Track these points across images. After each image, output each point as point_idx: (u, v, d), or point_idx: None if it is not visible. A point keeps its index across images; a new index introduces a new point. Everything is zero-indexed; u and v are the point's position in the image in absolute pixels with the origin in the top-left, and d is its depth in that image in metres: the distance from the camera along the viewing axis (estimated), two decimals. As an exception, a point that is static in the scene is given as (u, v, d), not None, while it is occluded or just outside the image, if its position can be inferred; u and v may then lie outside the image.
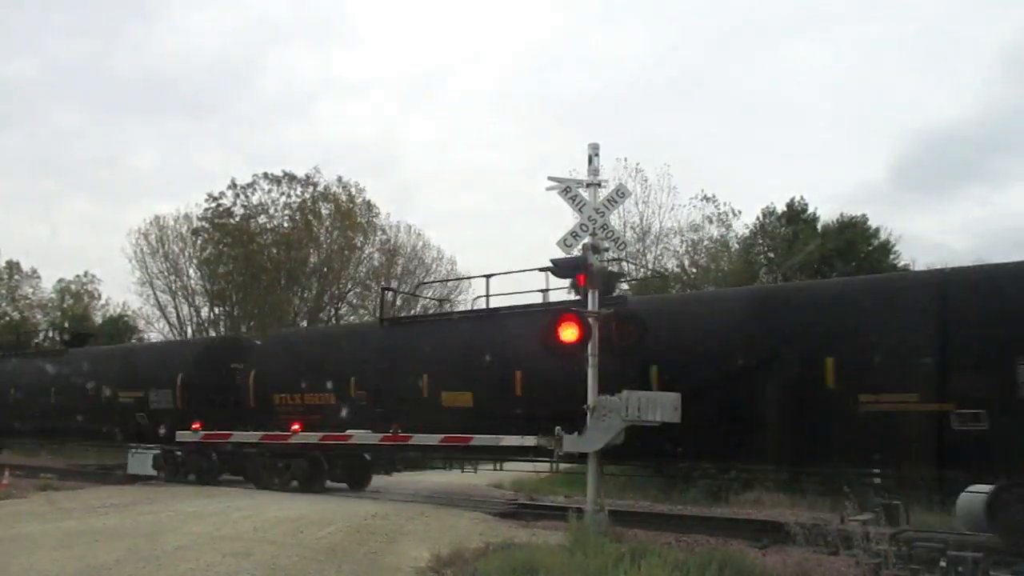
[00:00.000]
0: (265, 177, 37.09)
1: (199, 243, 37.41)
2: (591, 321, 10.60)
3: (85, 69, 66.60)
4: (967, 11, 61.00)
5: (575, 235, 10.92)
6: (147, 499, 13.81)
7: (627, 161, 28.34)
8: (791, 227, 27.45)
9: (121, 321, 38.48)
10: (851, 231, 25.88)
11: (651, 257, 28.30)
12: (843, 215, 26.87)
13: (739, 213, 29.65)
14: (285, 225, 37.46)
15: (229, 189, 36.93)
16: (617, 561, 7.47)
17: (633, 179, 28.10)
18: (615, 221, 18.25)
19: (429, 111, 66.75)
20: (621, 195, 12.11)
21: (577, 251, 10.89)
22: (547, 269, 12.01)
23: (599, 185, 11.20)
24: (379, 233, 38.39)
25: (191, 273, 37.70)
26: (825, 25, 62.17)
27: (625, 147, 54.07)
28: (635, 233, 28.61)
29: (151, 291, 37.53)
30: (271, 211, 37.53)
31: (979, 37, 56.16)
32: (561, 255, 10.97)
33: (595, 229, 10.93)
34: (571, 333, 10.47)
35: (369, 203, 38.13)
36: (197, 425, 17.08)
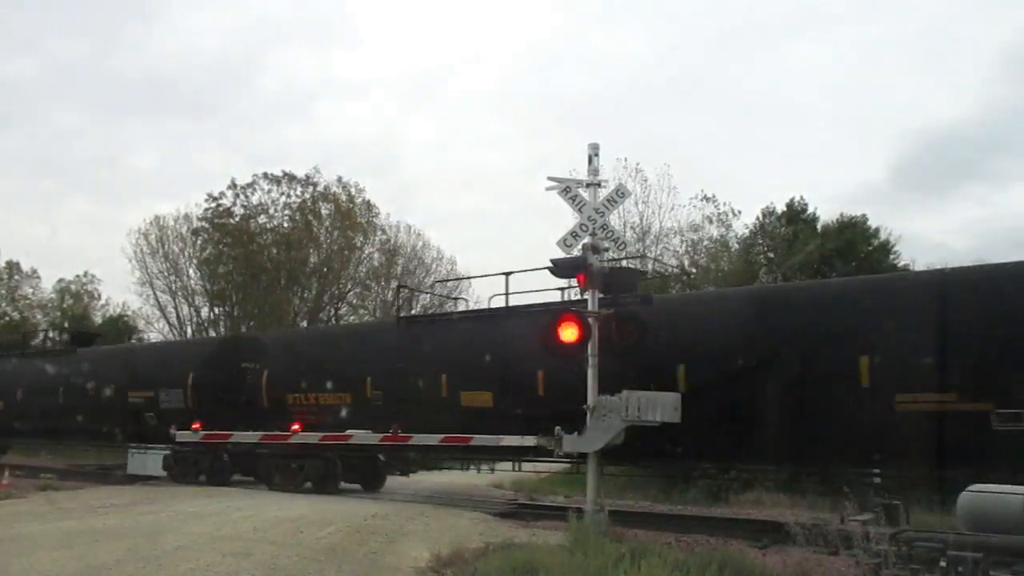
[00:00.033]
0: (265, 177, 37.16)
1: (199, 243, 37.44)
2: (591, 321, 10.61)
3: (85, 69, 66.78)
4: (967, 11, 61.12)
5: (575, 235, 10.93)
6: (147, 499, 13.81)
7: (627, 161, 28.41)
8: (791, 227, 27.44)
9: (121, 321, 38.47)
10: (851, 231, 25.87)
11: (651, 257, 28.26)
12: (843, 215, 26.92)
13: (739, 213, 29.73)
14: (285, 225, 37.47)
15: (229, 189, 37.00)
16: (617, 561, 7.47)
17: (633, 179, 28.17)
18: (615, 221, 18.23)
19: (429, 111, 66.86)
20: (621, 195, 12.12)
21: (577, 251, 10.90)
22: (547, 268, 12.00)
23: (599, 185, 11.20)
24: (379, 233, 38.47)
25: (191, 273, 37.78)
26: (825, 25, 62.26)
27: (625, 147, 54.16)
28: (635, 233, 28.65)
29: (151, 291, 37.62)
30: (271, 211, 37.60)
31: (979, 37, 56.27)
32: (561, 255, 10.98)
33: (595, 229, 10.94)
34: (571, 333, 10.48)
35: (369, 203, 38.21)
36: (197, 425, 17.05)
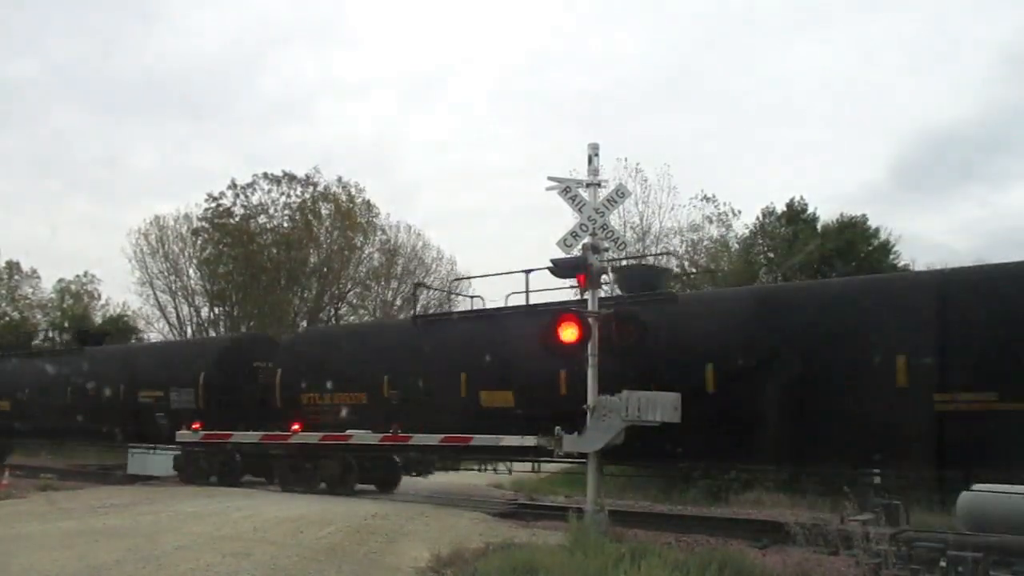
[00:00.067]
0: (265, 177, 37.20)
1: (199, 243, 37.46)
2: (591, 321, 10.61)
3: (85, 69, 66.74)
4: (967, 11, 61.06)
5: (575, 235, 10.92)
6: (147, 499, 13.81)
7: (627, 161, 28.41)
8: (791, 227, 27.43)
9: (121, 321, 38.45)
10: (851, 231, 25.85)
11: (652, 255, 28.25)
12: (843, 215, 26.87)
13: (739, 213, 29.74)
14: (285, 225, 37.50)
15: (229, 189, 37.04)
16: (617, 561, 7.48)
17: (633, 179, 28.17)
18: (615, 221, 18.20)
19: (429, 111, 66.78)
20: (621, 195, 12.12)
21: (577, 251, 10.90)
22: (547, 268, 12.00)
23: (599, 185, 11.20)
24: (379, 233, 38.50)
25: (191, 273, 37.82)
26: (825, 25, 62.24)
27: (625, 147, 54.04)
28: (635, 233, 28.65)
29: (151, 291, 37.67)
30: (271, 211, 37.64)
31: (979, 37, 56.18)
32: (561, 255, 10.99)
33: (595, 229, 10.94)
34: (571, 333, 10.45)
35: (369, 203, 38.25)
36: (197, 425, 17.03)
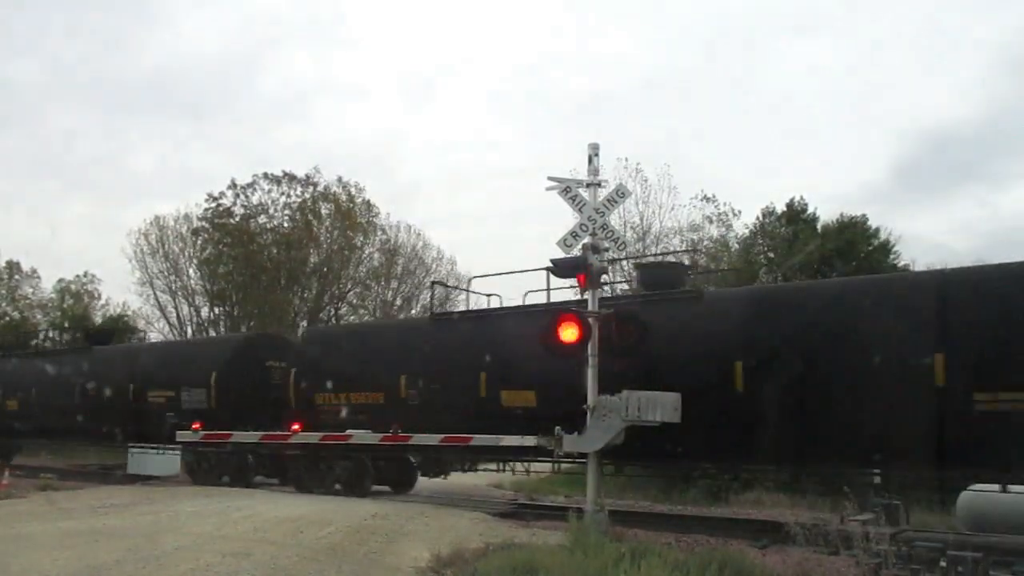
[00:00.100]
0: (265, 177, 37.16)
1: (199, 243, 37.43)
2: (591, 321, 10.61)
3: (85, 69, 66.70)
4: (967, 11, 61.06)
5: (575, 235, 10.92)
6: (147, 499, 13.81)
7: (627, 161, 28.39)
8: (791, 227, 27.43)
9: (121, 321, 38.44)
10: (851, 231, 25.85)
11: (651, 255, 28.24)
12: (843, 215, 26.87)
13: (739, 213, 29.70)
14: (285, 225, 37.48)
15: (229, 189, 36.98)
16: (617, 561, 7.48)
17: (633, 179, 28.15)
18: (615, 221, 18.20)
19: (429, 111, 66.81)
20: (621, 195, 12.11)
21: (577, 251, 10.90)
22: (547, 269, 12.01)
23: (599, 185, 11.20)
24: (379, 233, 38.48)
25: (191, 273, 37.77)
26: (825, 25, 62.26)
27: (625, 147, 54.11)
28: (635, 233, 28.65)
29: (151, 291, 37.62)
30: (271, 211, 37.59)
31: (979, 37, 56.17)
32: (561, 255, 10.99)
33: (595, 229, 10.93)
34: (571, 333, 10.43)
35: (369, 203, 38.20)
36: (197, 425, 17.01)
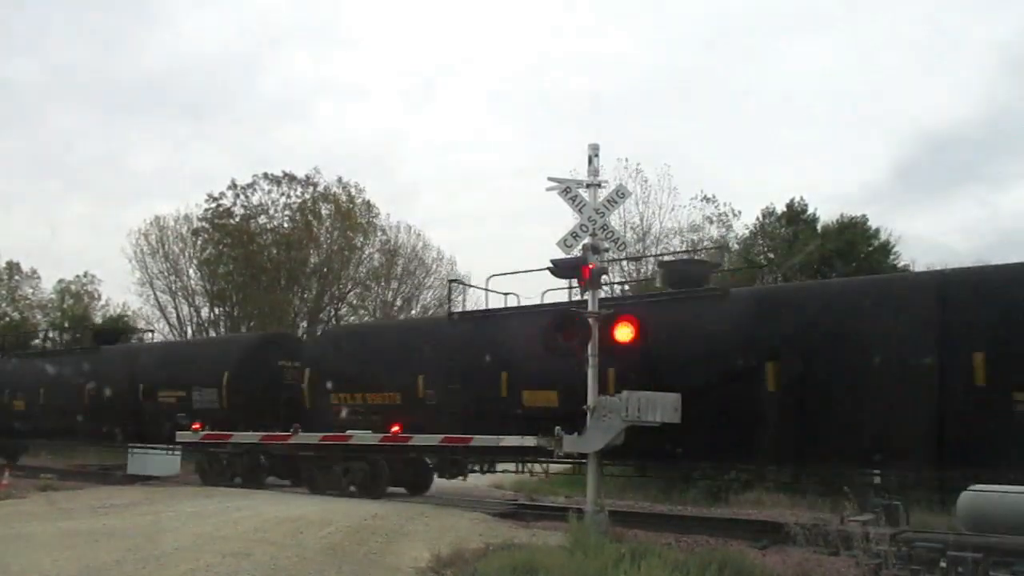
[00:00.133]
0: (265, 177, 37.07)
1: (199, 243, 37.36)
2: (591, 321, 10.61)
3: (85, 69, 66.74)
4: (967, 11, 61.08)
5: (575, 235, 10.94)
6: (147, 499, 13.81)
7: (627, 162, 28.41)
8: (791, 227, 27.44)
9: (121, 321, 38.43)
10: (851, 231, 25.82)
11: (651, 255, 28.25)
12: (843, 215, 26.84)
13: (739, 213, 29.74)
14: (285, 225, 37.42)
15: (229, 189, 36.89)
16: (617, 561, 7.48)
17: (633, 180, 28.16)
18: (615, 222, 18.16)
19: (429, 111, 66.79)
20: (621, 195, 12.14)
21: (577, 251, 10.91)
22: (547, 269, 12.01)
23: (599, 186, 11.22)
24: (379, 233, 38.41)
25: (191, 273, 37.66)
26: (825, 25, 62.26)
27: (625, 147, 54.05)
28: (635, 233, 28.67)
29: (151, 291, 37.52)
30: (271, 211, 37.51)
31: (979, 37, 56.18)
32: (561, 255, 10.99)
33: (595, 229, 10.95)
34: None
35: (369, 203, 38.11)
36: (197, 425, 16.97)
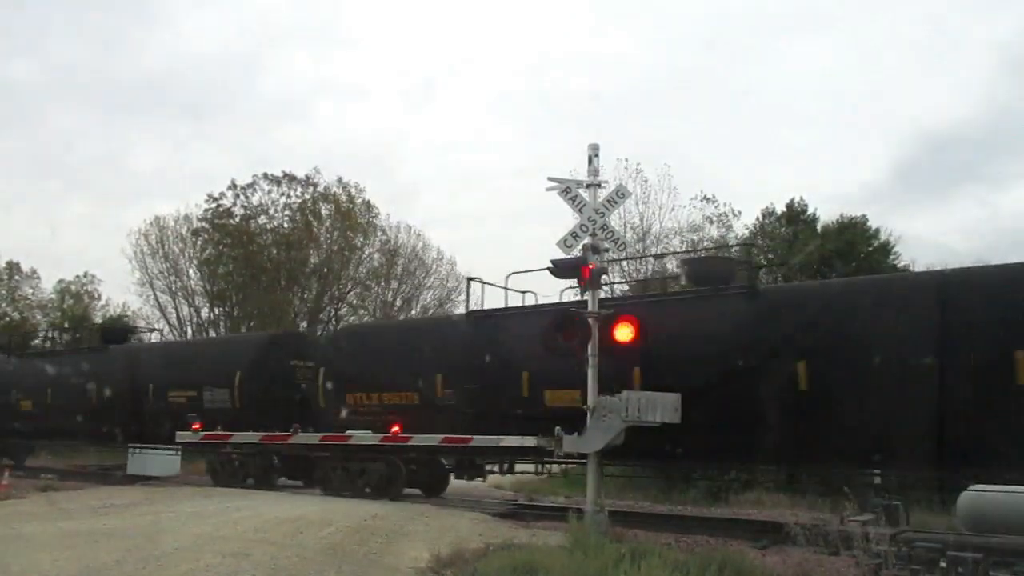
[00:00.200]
0: (265, 178, 37.06)
1: (199, 243, 37.34)
2: (591, 321, 10.62)
3: (85, 69, 66.78)
4: (967, 11, 61.08)
5: (575, 235, 10.94)
6: (147, 499, 13.81)
7: (627, 162, 28.33)
8: (791, 227, 27.43)
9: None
10: (851, 232, 25.82)
11: (651, 255, 28.23)
12: (843, 216, 26.85)
13: (739, 213, 29.65)
14: (285, 225, 37.41)
15: (229, 190, 36.87)
16: (617, 562, 7.48)
17: (633, 180, 28.04)
18: (615, 222, 18.12)
19: (429, 111, 66.86)
20: (621, 196, 12.13)
21: (577, 251, 10.91)
22: (547, 269, 12.00)
23: (599, 186, 11.22)
24: (379, 234, 38.40)
25: (191, 273, 37.61)
26: (825, 25, 62.27)
27: (625, 148, 54.06)
28: (635, 234, 28.61)
29: (151, 291, 37.48)
30: (271, 211, 37.49)
31: (979, 37, 56.18)
32: (561, 255, 10.99)
33: (595, 230, 10.95)
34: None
35: (369, 203, 38.11)
36: (197, 426, 16.96)
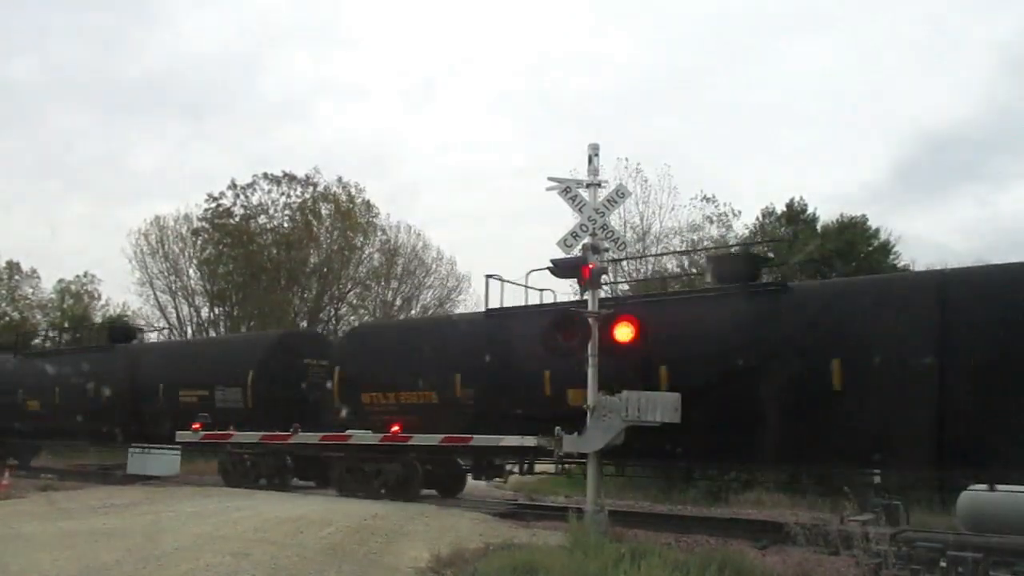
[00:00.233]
0: (265, 177, 37.09)
1: (199, 243, 37.35)
2: (591, 321, 10.61)
3: (85, 69, 66.80)
4: (967, 11, 61.09)
5: (575, 235, 10.93)
6: (147, 499, 13.81)
7: (627, 161, 28.35)
8: (791, 227, 27.43)
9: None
10: (851, 231, 25.83)
11: (652, 255, 28.23)
12: (843, 215, 26.87)
13: (739, 213, 29.65)
14: (285, 225, 37.44)
15: (229, 189, 36.91)
16: (617, 561, 7.48)
17: (633, 179, 28.08)
18: (615, 221, 18.12)
19: (429, 111, 66.91)
20: (621, 195, 12.11)
21: (577, 251, 10.91)
22: (547, 269, 12.00)
23: (599, 185, 11.21)
24: (379, 233, 38.42)
25: (191, 273, 37.64)
26: (825, 25, 62.26)
27: (625, 147, 54.17)
28: (635, 233, 28.62)
29: (151, 291, 37.49)
30: (271, 211, 37.53)
31: (979, 37, 56.19)
32: (561, 255, 10.99)
33: (595, 229, 10.94)
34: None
35: (369, 203, 38.15)
36: (197, 425, 16.93)
